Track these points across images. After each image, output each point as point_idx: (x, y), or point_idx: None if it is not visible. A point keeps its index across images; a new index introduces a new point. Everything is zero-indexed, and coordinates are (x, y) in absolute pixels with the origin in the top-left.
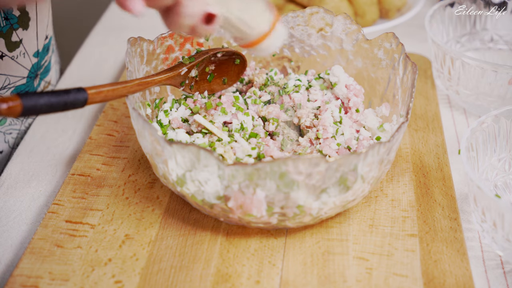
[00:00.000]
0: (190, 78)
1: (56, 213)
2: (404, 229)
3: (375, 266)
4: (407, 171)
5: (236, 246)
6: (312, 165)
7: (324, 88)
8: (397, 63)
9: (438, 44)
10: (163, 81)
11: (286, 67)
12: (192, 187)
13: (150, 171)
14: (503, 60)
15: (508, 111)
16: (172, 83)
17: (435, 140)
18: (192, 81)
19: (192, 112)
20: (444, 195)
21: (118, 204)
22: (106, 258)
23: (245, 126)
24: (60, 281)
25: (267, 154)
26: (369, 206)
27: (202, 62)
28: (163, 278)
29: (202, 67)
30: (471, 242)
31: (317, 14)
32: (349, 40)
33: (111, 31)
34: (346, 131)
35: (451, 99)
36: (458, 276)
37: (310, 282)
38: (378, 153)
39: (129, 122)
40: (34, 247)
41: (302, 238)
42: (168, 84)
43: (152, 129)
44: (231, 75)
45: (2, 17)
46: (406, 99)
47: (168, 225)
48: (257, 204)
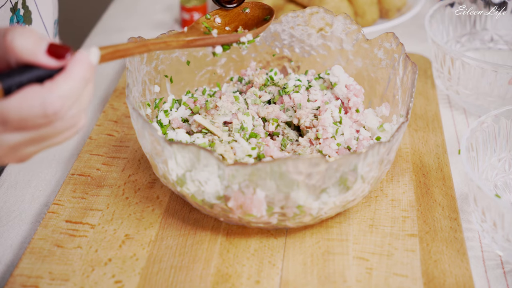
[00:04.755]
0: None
1: (56, 213)
2: (404, 229)
3: (375, 266)
4: (407, 171)
5: (236, 246)
6: (312, 165)
7: (324, 88)
8: (397, 63)
9: (438, 44)
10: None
11: (286, 67)
12: (192, 187)
13: (150, 171)
14: (503, 60)
15: (508, 111)
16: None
17: (435, 140)
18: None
19: (192, 112)
20: (444, 195)
21: (118, 204)
22: (106, 258)
23: (245, 126)
24: (60, 281)
25: (267, 154)
26: (369, 206)
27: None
28: (163, 278)
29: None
30: (471, 242)
31: (317, 14)
32: (349, 40)
33: (111, 31)
34: (346, 131)
35: (451, 99)
36: (458, 276)
37: (310, 282)
38: (378, 153)
39: (129, 122)
40: (34, 247)
41: (302, 238)
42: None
43: (152, 129)
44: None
45: (15, 22)
46: (406, 99)
47: (168, 225)
48: (257, 204)
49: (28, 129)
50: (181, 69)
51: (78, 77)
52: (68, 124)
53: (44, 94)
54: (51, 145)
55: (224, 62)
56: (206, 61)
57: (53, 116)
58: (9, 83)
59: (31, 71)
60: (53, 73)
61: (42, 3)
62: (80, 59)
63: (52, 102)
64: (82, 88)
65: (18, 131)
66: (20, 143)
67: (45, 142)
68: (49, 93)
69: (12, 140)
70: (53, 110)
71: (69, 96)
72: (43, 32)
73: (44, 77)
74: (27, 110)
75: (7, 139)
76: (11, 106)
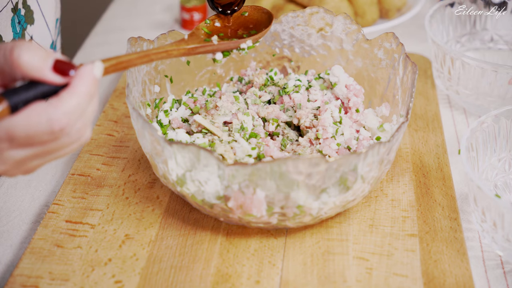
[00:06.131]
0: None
1: (56, 213)
2: (404, 229)
3: (375, 266)
4: (407, 171)
5: (236, 246)
6: (312, 165)
7: (324, 88)
8: (397, 63)
9: (438, 44)
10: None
11: (286, 67)
12: (192, 187)
13: (150, 171)
14: (503, 60)
15: (508, 111)
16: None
17: (435, 140)
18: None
19: (192, 112)
20: (444, 195)
21: (118, 204)
22: (106, 258)
23: (245, 126)
24: (60, 281)
25: (267, 154)
26: (369, 206)
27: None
28: (163, 278)
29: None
30: (471, 242)
31: (317, 14)
32: (349, 40)
33: (111, 31)
34: (346, 131)
35: (451, 99)
36: (458, 276)
37: (310, 282)
38: (378, 153)
39: (129, 122)
40: (34, 247)
41: (302, 238)
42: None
43: (152, 129)
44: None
45: (16, 22)
46: (406, 99)
47: (168, 225)
48: (257, 204)
49: (34, 145)
50: (181, 69)
51: (83, 93)
52: (73, 139)
53: (50, 111)
54: (56, 158)
55: (224, 62)
56: (206, 61)
57: (59, 133)
58: (16, 100)
59: (36, 88)
60: (58, 88)
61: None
62: (84, 75)
63: (58, 119)
64: (87, 103)
65: (24, 147)
66: (26, 158)
67: (50, 155)
68: (55, 110)
69: (19, 155)
70: (59, 127)
71: (74, 112)
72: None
73: (49, 93)
74: (34, 127)
75: (13, 154)
76: (18, 124)
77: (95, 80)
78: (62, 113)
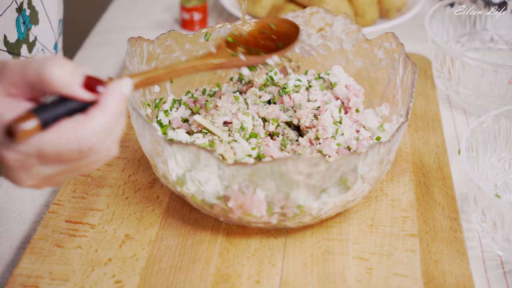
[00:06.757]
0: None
1: (56, 213)
2: (404, 229)
3: (375, 266)
4: (407, 171)
5: (236, 246)
6: (312, 165)
7: (324, 88)
8: (397, 63)
9: (438, 44)
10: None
11: (286, 67)
12: (192, 187)
13: (150, 171)
14: (503, 60)
15: (508, 111)
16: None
17: (435, 140)
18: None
19: (192, 112)
20: (444, 195)
21: (118, 204)
22: (106, 258)
23: (245, 126)
24: (60, 281)
25: (267, 154)
26: (369, 206)
27: None
28: (163, 278)
29: None
30: (471, 242)
31: (317, 14)
32: (349, 40)
33: (111, 31)
34: (346, 131)
35: (451, 99)
36: (458, 276)
37: (310, 282)
38: (378, 153)
39: (129, 122)
40: (34, 247)
41: (302, 238)
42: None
43: (152, 129)
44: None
45: (21, 22)
46: (406, 99)
47: (168, 225)
48: (257, 204)
49: (63, 162)
50: None
51: (112, 111)
52: (101, 156)
53: (80, 129)
54: (82, 172)
55: None
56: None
57: (87, 152)
58: (46, 117)
59: (65, 104)
60: (86, 105)
61: (48, 3)
62: (114, 92)
63: (87, 138)
64: (115, 121)
65: (53, 163)
66: (55, 174)
67: (77, 171)
68: (84, 129)
69: (47, 171)
70: (88, 146)
71: (103, 132)
72: (49, 31)
73: (77, 109)
74: (64, 145)
75: (42, 171)
76: (48, 141)
77: (124, 97)
78: (91, 132)
